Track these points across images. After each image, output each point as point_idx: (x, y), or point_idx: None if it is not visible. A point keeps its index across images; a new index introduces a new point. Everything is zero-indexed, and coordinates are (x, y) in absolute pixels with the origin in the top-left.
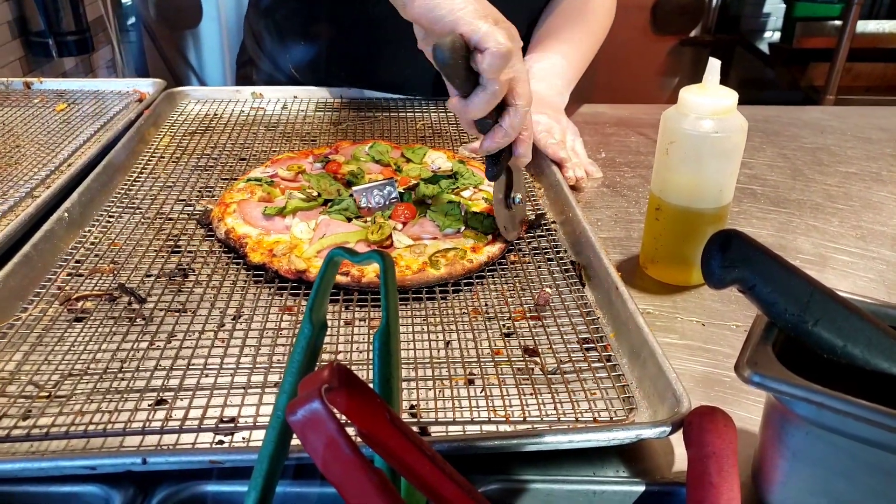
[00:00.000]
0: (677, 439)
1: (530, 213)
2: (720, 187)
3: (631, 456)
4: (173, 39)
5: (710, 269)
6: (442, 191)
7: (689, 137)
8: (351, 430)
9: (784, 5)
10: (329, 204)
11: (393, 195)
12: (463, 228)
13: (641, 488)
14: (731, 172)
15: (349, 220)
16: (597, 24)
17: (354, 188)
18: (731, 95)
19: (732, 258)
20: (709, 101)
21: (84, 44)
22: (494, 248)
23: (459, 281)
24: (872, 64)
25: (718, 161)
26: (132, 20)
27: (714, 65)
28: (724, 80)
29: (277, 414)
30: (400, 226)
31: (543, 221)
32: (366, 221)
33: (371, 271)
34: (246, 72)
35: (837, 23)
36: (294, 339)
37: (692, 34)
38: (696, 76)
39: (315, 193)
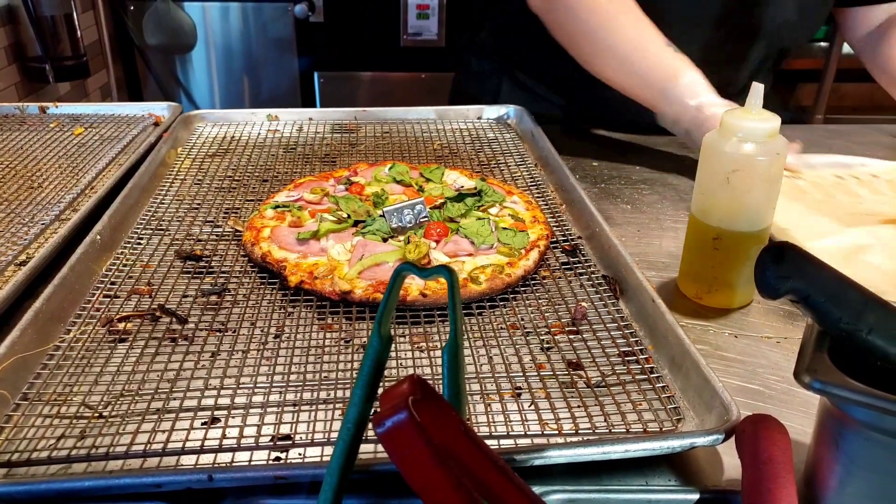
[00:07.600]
0: (724, 449)
1: (574, 240)
2: (773, 207)
3: (680, 466)
4: (166, 63)
5: (765, 280)
6: (469, 209)
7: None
8: None
9: None
10: (360, 225)
11: (423, 214)
12: (496, 244)
13: (696, 496)
14: (778, 190)
15: (384, 240)
16: None
17: (385, 208)
18: (776, 118)
19: (787, 269)
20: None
21: (81, 69)
22: (529, 262)
23: (494, 297)
24: (858, 84)
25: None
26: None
27: (758, 89)
28: None
29: (347, 426)
30: (434, 244)
31: (570, 235)
32: (400, 241)
33: (415, 289)
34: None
35: (824, 44)
36: (338, 357)
37: None
38: None
39: (345, 215)
